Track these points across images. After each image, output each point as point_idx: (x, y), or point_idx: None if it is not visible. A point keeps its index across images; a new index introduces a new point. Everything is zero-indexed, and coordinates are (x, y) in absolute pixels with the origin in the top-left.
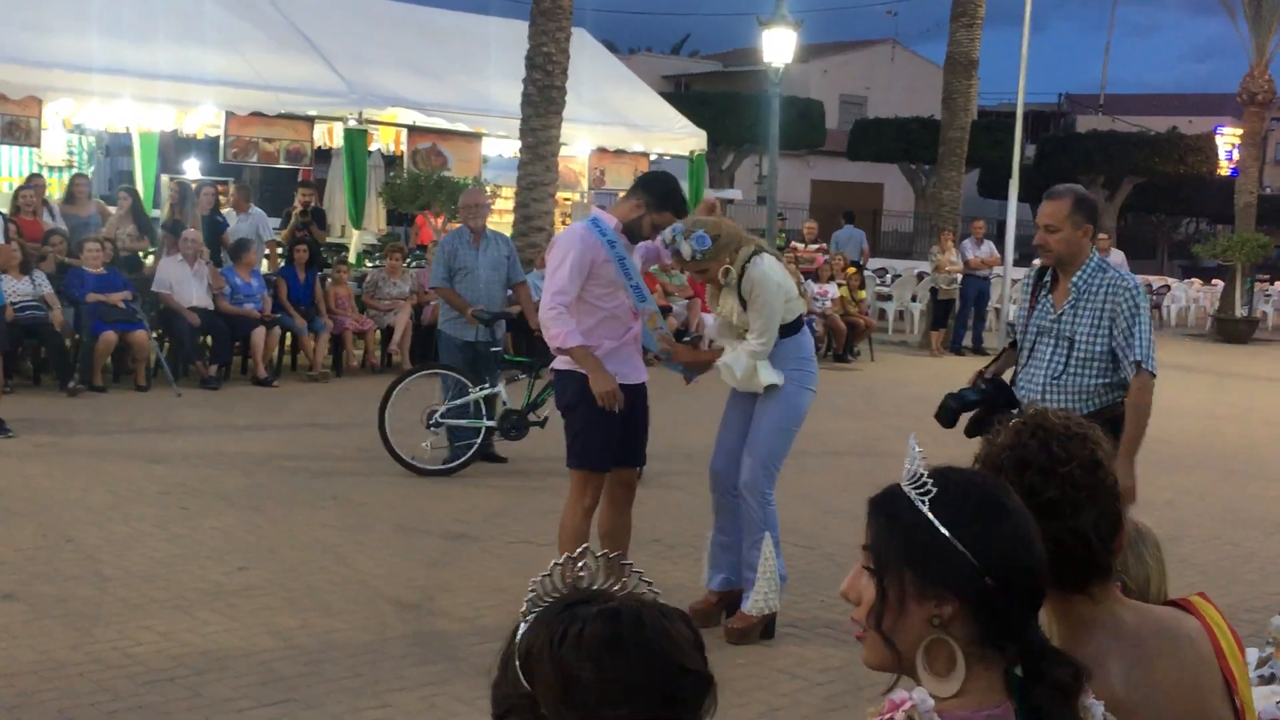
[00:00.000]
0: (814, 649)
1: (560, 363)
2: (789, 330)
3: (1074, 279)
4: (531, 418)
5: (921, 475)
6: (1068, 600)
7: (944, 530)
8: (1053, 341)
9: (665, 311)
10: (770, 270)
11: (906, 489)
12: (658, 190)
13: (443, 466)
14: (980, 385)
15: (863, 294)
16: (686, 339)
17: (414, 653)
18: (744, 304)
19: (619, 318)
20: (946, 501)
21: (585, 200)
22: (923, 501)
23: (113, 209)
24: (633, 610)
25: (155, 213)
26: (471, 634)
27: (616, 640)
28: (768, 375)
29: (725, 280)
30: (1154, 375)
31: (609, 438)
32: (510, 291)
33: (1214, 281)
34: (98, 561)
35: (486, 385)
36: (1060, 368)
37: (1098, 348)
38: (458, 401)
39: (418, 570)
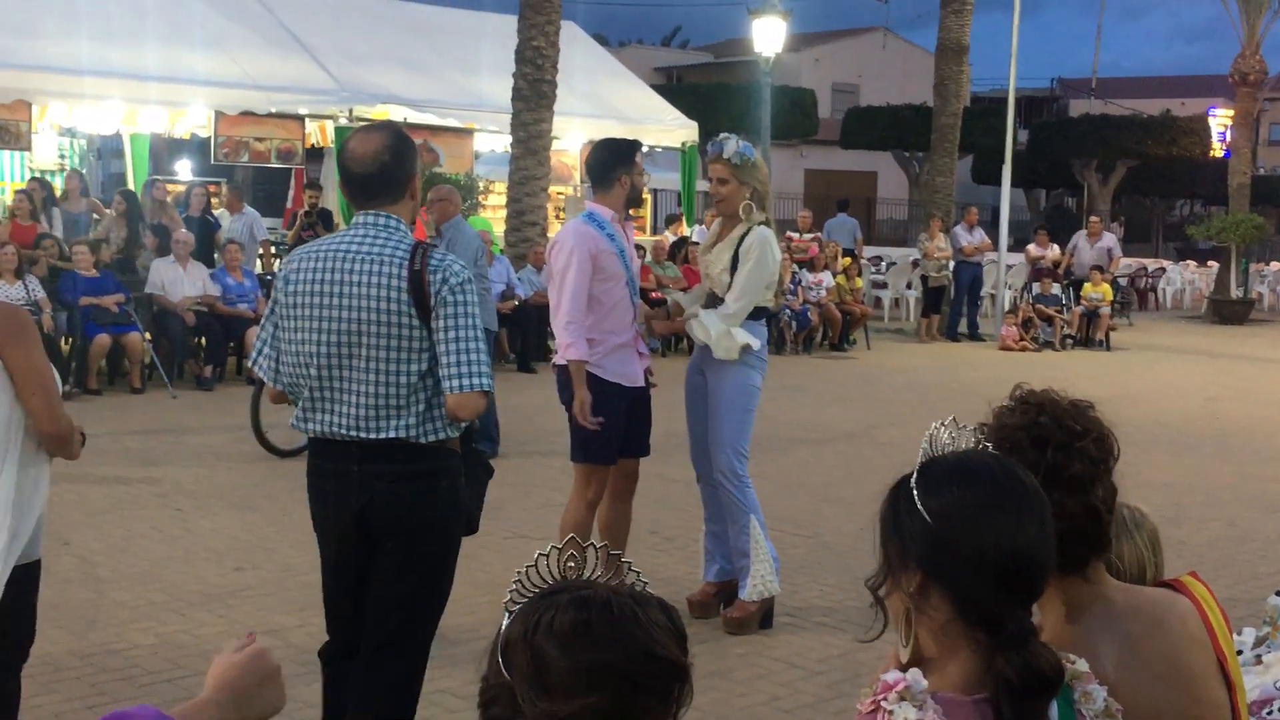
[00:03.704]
0: (812, 637)
1: (558, 357)
2: (752, 315)
3: None
4: None
5: (926, 454)
6: (1064, 582)
7: (920, 506)
8: None
9: (660, 304)
10: (772, 244)
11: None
12: (621, 153)
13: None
14: None
15: (859, 282)
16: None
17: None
18: (734, 265)
19: (621, 312)
20: (933, 481)
21: (578, 194)
22: (914, 478)
23: (109, 210)
24: (603, 597)
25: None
26: (467, 629)
27: (584, 626)
28: (742, 336)
29: (744, 215)
30: None
31: (613, 431)
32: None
33: (1209, 263)
34: (94, 564)
35: None
36: None
37: None
38: None
39: None
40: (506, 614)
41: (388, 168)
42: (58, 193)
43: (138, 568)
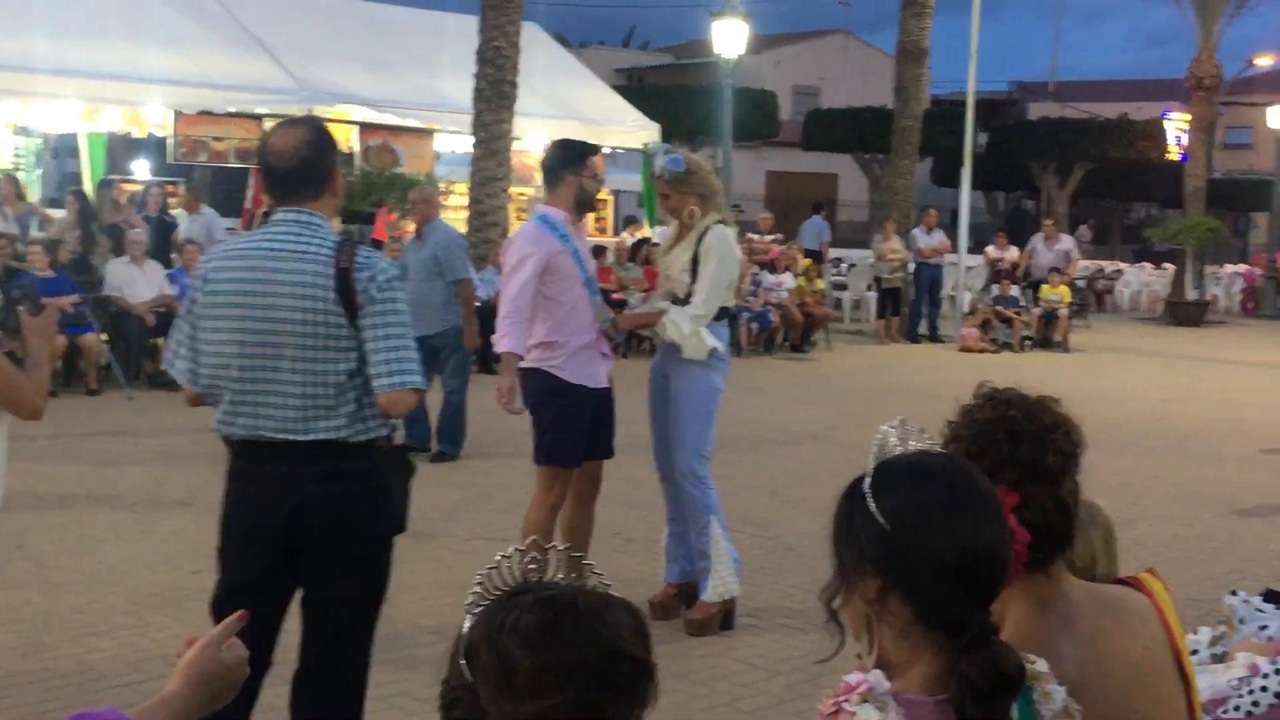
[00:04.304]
0: (774, 638)
1: (526, 360)
2: (715, 315)
3: None
4: None
5: (876, 458)
6: (1027, 581)
7: (874, 510)
8: None
9: (621, 305)
10: (731, 243)
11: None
12: (574, 154)
13: None
14: None
15: (820, 284)
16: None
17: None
18: (695, 266)
19: (580, 313)
20: (887, 484)
21: (539, 195)
22: (866, 482)
23: (57, 212)
24: (568, 596)
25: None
26: (430, 632)
27: (551, 625)
28: (709, 338)
29: (690, 221)
30: None
31: (577, 434)
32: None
33: (1165, 266)
34: (48, 568)
35: None
36: None
37: None
38: None
39: None
40: (468, 616)
41: (309, 163)
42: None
43: (93, 571)
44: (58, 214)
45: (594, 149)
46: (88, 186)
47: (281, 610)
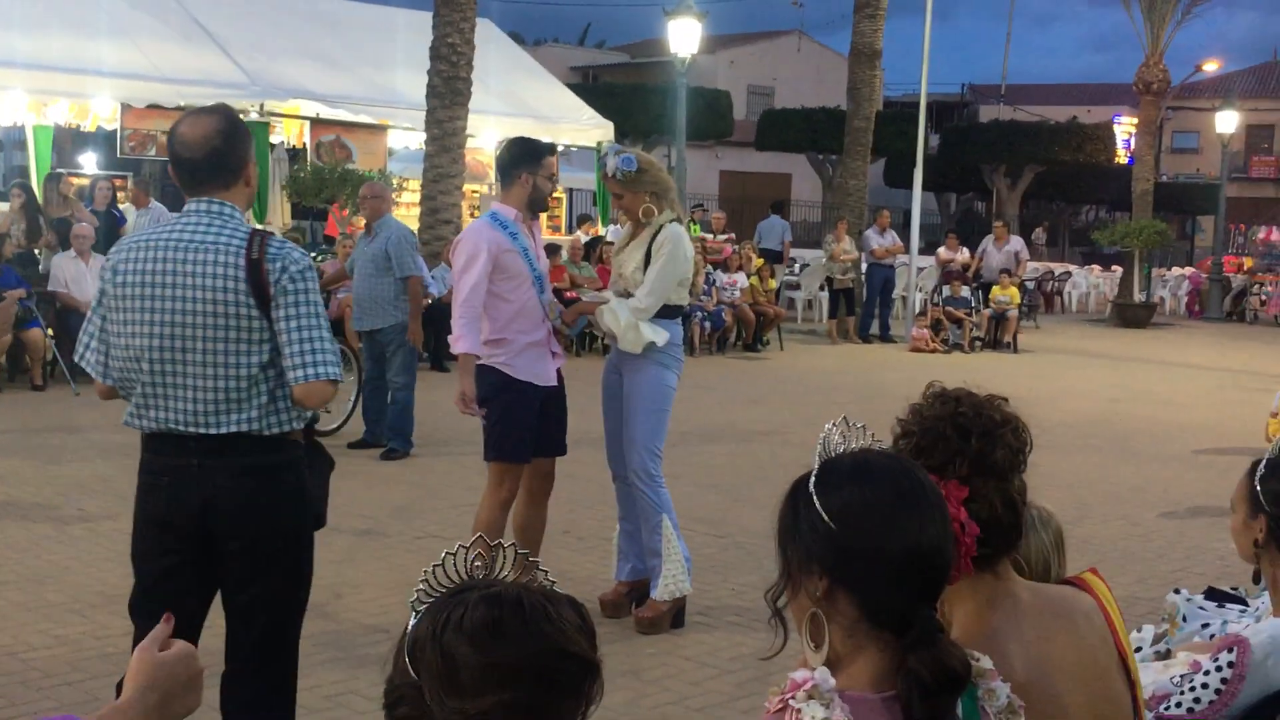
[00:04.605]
0: (723, 637)
1: (452, 348)
2: (667, 313)
3: None
4: None
5: (821, 456)
6: (974, 580)
7: (820, 508)
8: None
9: (573, 302)
10: (684, 242)
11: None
12: (529, 153)
13: None
14: None
15: (773, 283)
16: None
17: (319, 651)
18: (647, 264)
19: (529, 312)
20: (832, 483)
21: (492, 192)
22: (811, 481)
23: (2, 205)
24: (514, 594)
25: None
26: (378, 631)
27: (496, 623)
28: (649, 332)
29: (645, 220)
30: None
31: (526, 429)
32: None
33: (1113, 268)
34: None
35: None
36: None
37: None
38: None
39: (324, 568)
40: (414, 613)
41: (219, 152)
42: None
43: (37, 569)
44: (2, 207)
45: (550, 148)
46: (35, 179)
47: (201, 609)
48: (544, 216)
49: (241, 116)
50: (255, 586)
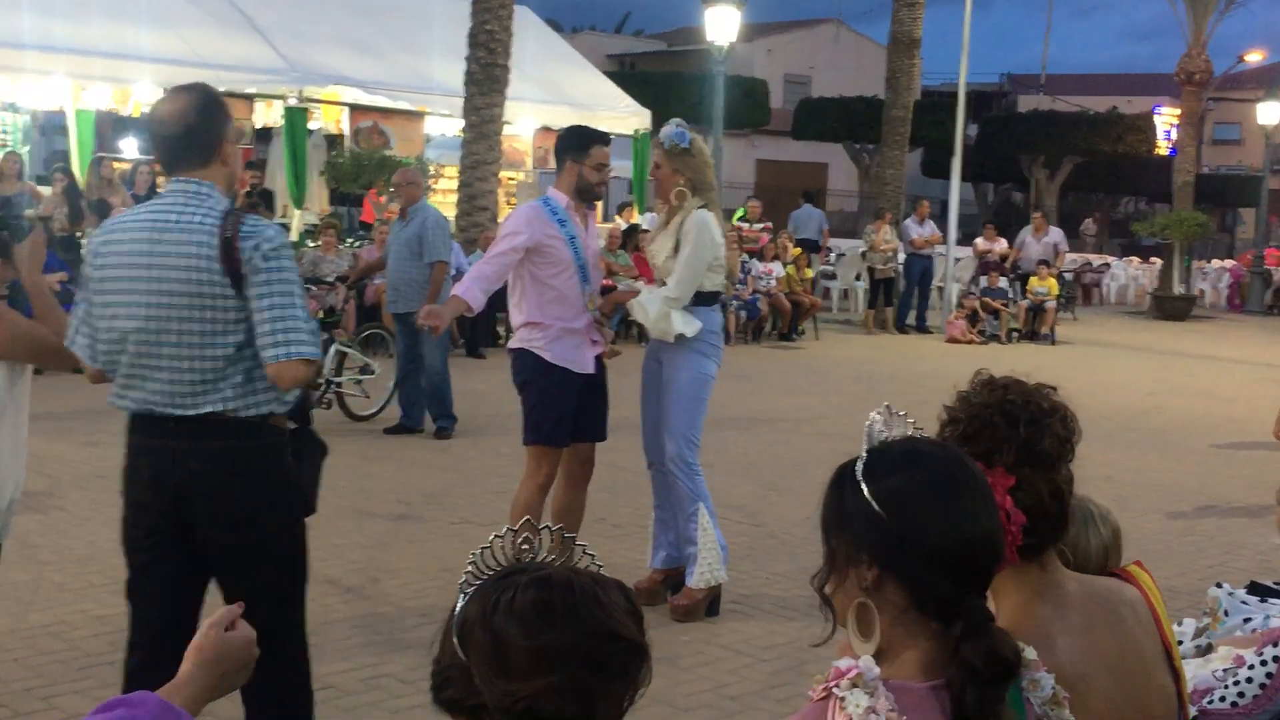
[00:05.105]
0: (759, 625)
1: (514, 340)
2: (703, 301)
3: None
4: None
5: (869, 444)
6: (1020, 570)
7: (869, 497)
8: None
9: (609, 290)
10: (711, 226)
11: (859, 458)
12: (577, 141)
13: None
14: None
15: (809, 273)
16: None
17: (356, 634)
18: (677, 252)
19: (569, 299)
20: (881, 470)
21: (529, 179)
22: (860, 469)
23: (45, 189)
24: (564, 577)
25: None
26: (414, 615)
27: (546, 606)
28: (680, 323)
29: (675, 203)
30: None
31: (564, 413)
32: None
33: (1152, 260)
34: (33, 546)
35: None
36: None
37: None
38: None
39: (360, 553)
40: (461, 595)
41: (194, 130)
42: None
43: (78, 549)
44: (46, 191)
45: (600, 138)
46: (76, 164)
47: (194, 596)
48: None
49: (280, 102)
50: (247, 578)
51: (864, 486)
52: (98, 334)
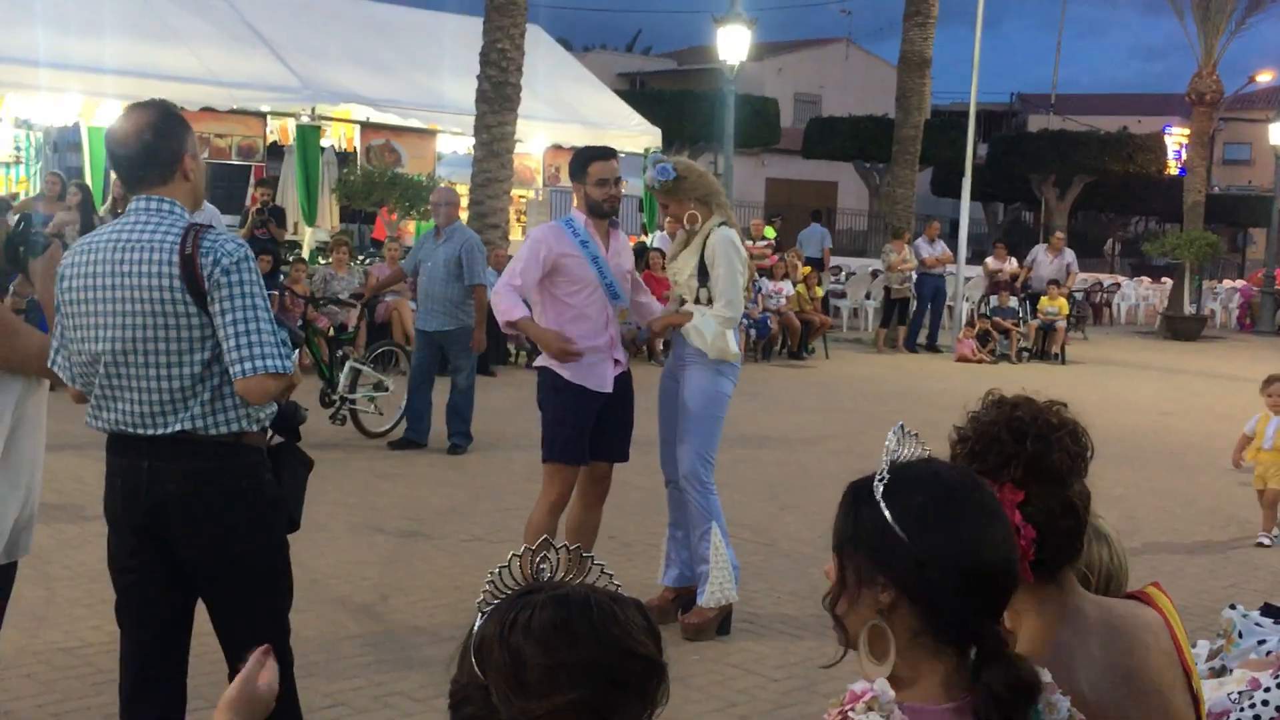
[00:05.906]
0: (770, 644)
1: (538, 360)
2: None
3: None
4: (333, 396)
5: (888, 464)
6: (1039, 591)
7: (889, 518)
8: None
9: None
10: (736, 242)
11: (876, 478)
12: (576, 163)
13: None
14: None
15: (819, 291)
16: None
17: (367, 652)
18: (702, 270)
19: (590, 317)
20: (901, 492)
21: (540, 197)
22: (879, 489)
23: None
24: (581, 596)
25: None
26: (425, 632)
27: (563, 624)
28: (733, 344)
29: (691, 227)
30: None
31: (579, 430)
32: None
33: (1163, 279)
34: (45, 561)
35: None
36: None
37: None
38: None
39: (371, 569)
40: (480, 613)
41: (151, 147)
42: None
43: (90, 565)
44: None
45: (596, 154)
46: (89, 180)
47: (179, 616)
48: None
49: (292, 120)
50: (229, 596)
51: (884, 508)
52: (71, 355)
